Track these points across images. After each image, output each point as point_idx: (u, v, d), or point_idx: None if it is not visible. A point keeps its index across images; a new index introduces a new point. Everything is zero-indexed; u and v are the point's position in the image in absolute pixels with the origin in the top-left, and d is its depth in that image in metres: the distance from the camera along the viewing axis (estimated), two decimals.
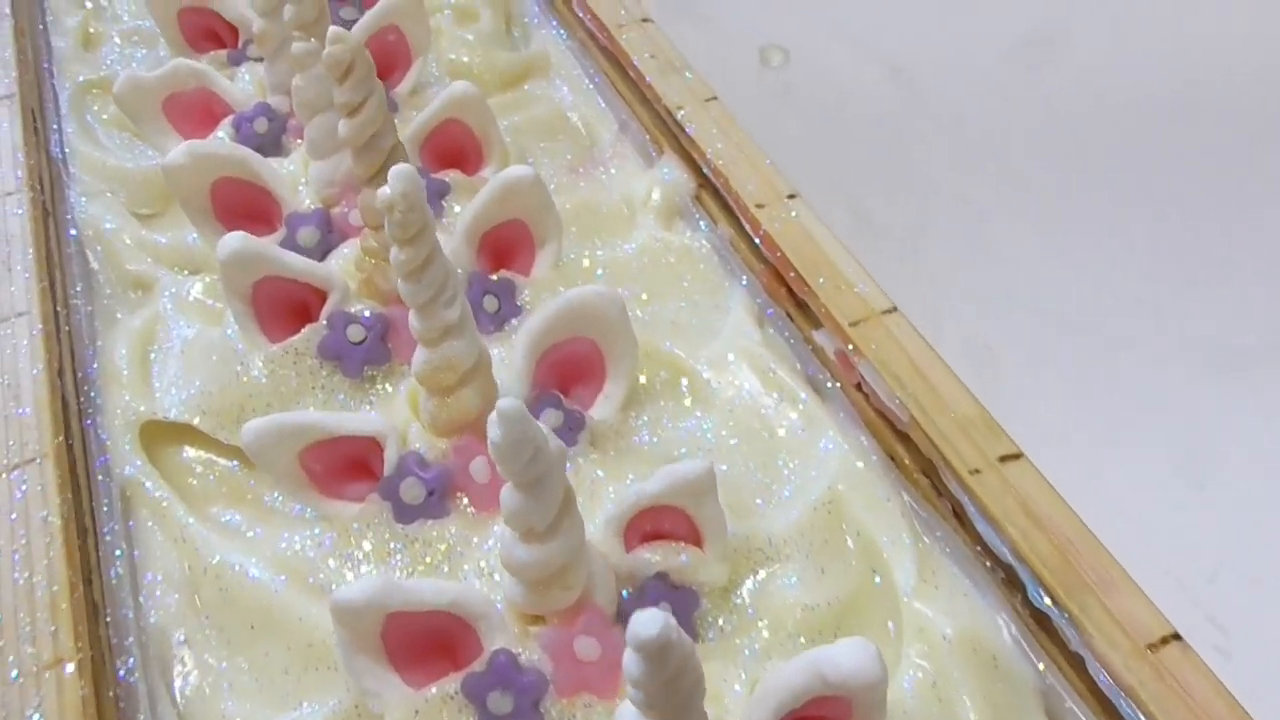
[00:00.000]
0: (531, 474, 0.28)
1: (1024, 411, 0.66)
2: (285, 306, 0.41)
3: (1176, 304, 0.69)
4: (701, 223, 0.47)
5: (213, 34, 0.54)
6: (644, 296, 0.45)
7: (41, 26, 0.58)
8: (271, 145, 0.49)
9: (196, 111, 0.50)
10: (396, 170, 0.31)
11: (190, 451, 0.41)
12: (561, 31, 0.57)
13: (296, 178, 0.47)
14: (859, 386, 0.39)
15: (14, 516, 0.35)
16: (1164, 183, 0.76)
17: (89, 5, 0.60)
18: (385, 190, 0.31)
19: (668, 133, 0.49)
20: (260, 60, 0.52)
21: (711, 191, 0.47)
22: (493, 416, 0.27)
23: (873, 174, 0.80)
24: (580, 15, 0.54)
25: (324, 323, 0.41)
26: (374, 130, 0.37)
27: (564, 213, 0.47)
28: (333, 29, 0.35)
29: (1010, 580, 0.34)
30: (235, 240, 0.39)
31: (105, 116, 0.54)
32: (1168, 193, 0.76)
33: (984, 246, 0.75)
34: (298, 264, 0.40)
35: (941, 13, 0.91)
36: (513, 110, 0.53)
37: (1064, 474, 0.63)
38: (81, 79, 0.55)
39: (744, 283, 0.45)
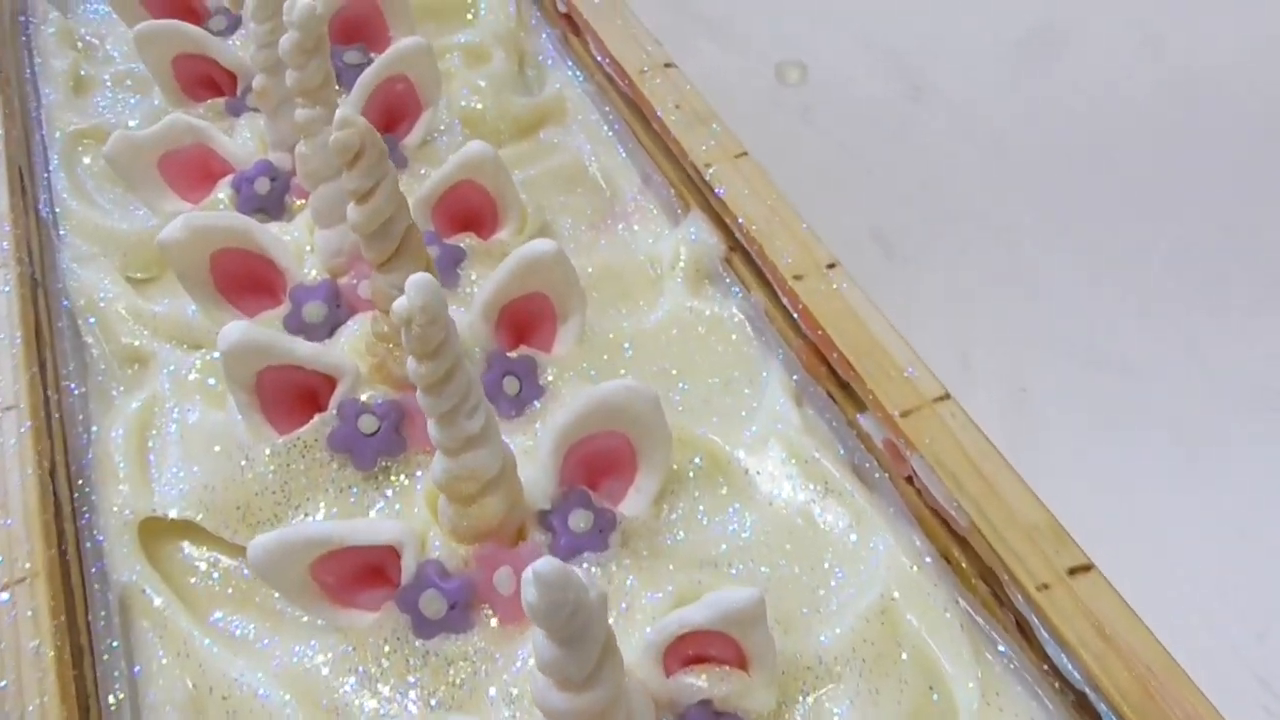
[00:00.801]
0: (570, 629, 0.25)
1: (1058, 459, 0.64)
2: (292, 394, 0.39)
3: (1222, 340, 0.66)
4: (734, 288, 0.44)
5: (209, 81, 0.51)
6: (674, 372, 0.42)
7: (29, 72, 0.55)
8: (274, 206, 0.46)
9: (194, 169, 0.47)
10: (416, 282, 0.28)
11: (192, 549, 0.39)
12: (578, 73, 0.54)
13: (301, 245, 0.44)
14: (910, 480, 0.37)
15: (2, 645, 0.32)
16: (1209, 207, 0.73)
17: (79, 46, 0.57)
18: (402, 302, 0.28)
19: (695, 190, 0.46)
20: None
21: (743, 255, 0.44)
22: (528, 575, 0.24)
23: (898, 199, 0.77)
24: (598, 59, 0.51)
25: (334, 412, 0.38)
26: (386, 217, 0.34)
27: (586, 276, 0.44)
28: (341, 112, 0.32)
29: (1082, 705, 0.32)
30: (236, 331, 0.36)
31: (97, 169, 0.51)
32: (1214, 218, 0.73)
33: (1017, 276, 0.72)
34: (304, 351, 0.38)
35: (962, 27, 0.88)
36: (528, 161, 0.50)
37: (1102, 525, 0.60)
38: (72, 128, 0.52)
39: (780, 356, 0.42)
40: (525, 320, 0.41)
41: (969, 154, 0.80)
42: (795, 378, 0.41)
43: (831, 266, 0.41)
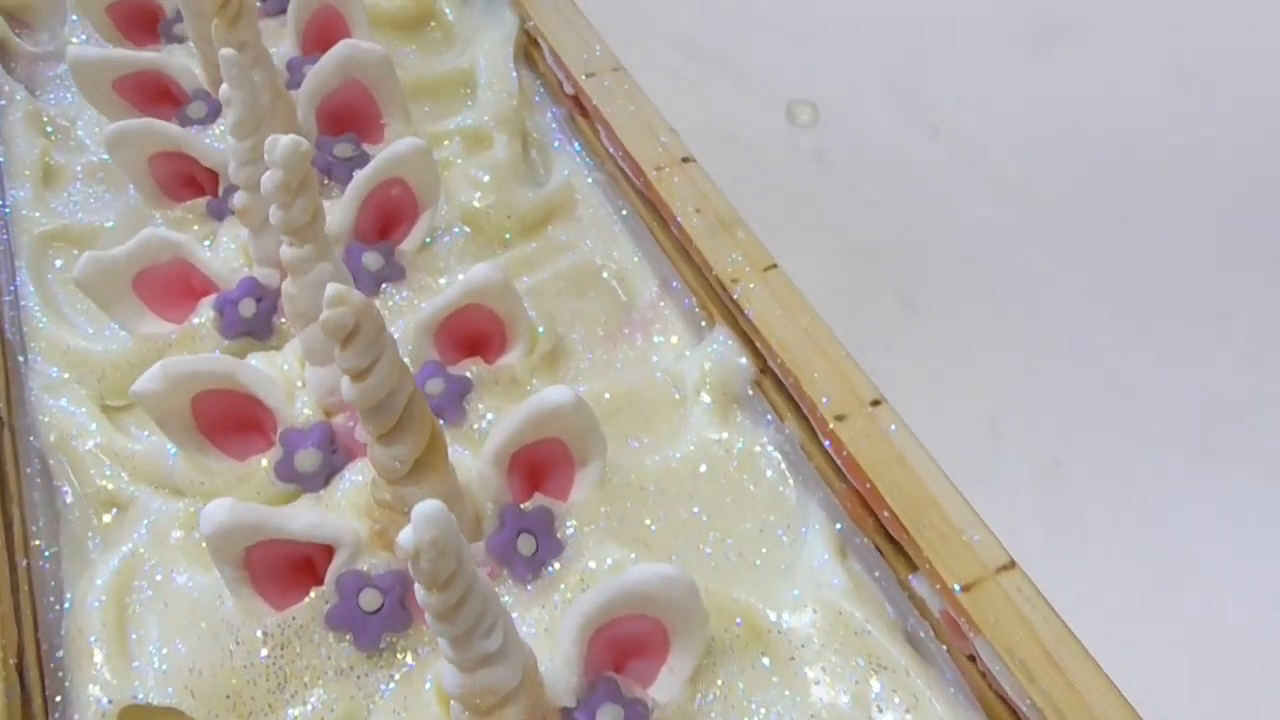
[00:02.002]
0: None
1: (1094, 535, 0.60)
2: (285, 567, 0.35)
3: (1272, 409, 0.63)
4: (766, 415, 0.41)
5: (189, 179, 0.47)
6: (704, 519, 0.38)
7: None
8: (261, 328, 0.42)
9: (173, 287, 0.43)
10: (424, 515, 0.24)
11: None
12: (587, 159, 0.50)
13: (292, 380, 0.40)
14: (973, 659, 0.33)
15: None
16: (1257, 264, 0.69)
17: (50, 132, 0.53)
18: (409, 536, 0.24)
19: (720, 304, 0.42)
20: None
21: (775, 380, 0.40)
22: None
23: (919, 250, 0.74)
24: (610, 150, 0.47)
25: (332, 587, 0.35)
26: (386, 392, 0.30)
27: (603, 403, 0.41)
28: (331, 288, 0.28)
29: None
30: (221, 512, 0.32)
31: (69, 276, 0.47)
32: (1258, 267, 0.69)
33: (1046, 336, 0.68)
34: (298, 525, 0.34)
35: (977, 65, 0.83)
36: (537, 264, 0.46)
37: (1145, 609, 0.56)
38: (41, 229, 0.48)
39: (821, 498, 0.38)
40: (539, 465, 0.38)
41: (991, 200, 0.76)
42: (839, 527, 0.37)
43: (876, 404, 0.37)
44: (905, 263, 0.73)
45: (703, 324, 0.43)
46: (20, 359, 0.44)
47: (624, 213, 0.48)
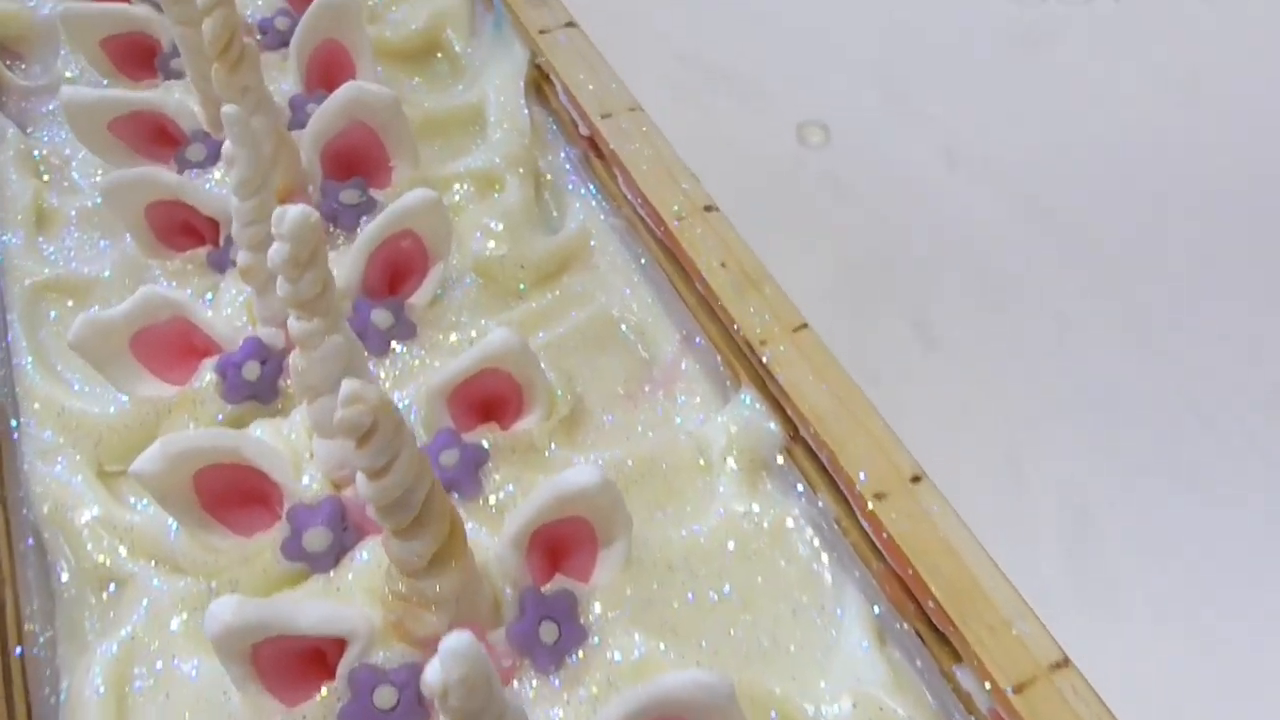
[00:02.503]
0: None
1: (1128, 591, 0.58)
2: (295, 661, 0.33)
3: None
4: (797, 484, 0.39)
5: (188, 228, 0.45)
6: (734, 601, 0.36)
7: None
8: (266, 392, 0.40)
9: (172, 347, 0.41)
10: (453, 649, 0.22)
11: None
12: (604, 202, 0.48)
13: (299, 450, 0.38)
14: None
15: None
16: None
17: (43, 173, 0.51)
18: (436, 672, 0.22)
19: (746, 363, 0.40)
20: None
21: (807, 450, 0.38)
22: None
23: (936, 280, 0.71)
24: (629, 195, 0.45)
25: (345, 683, 0.33)
26: (404, 489, 0.28)
27: (625, 471, 0.39)
28: (347, 385, 0.26)
29: None
30: (226, 612, 0.30)
31: (63, 329, 0.45)
32: None
33: (1070, 372, 0.66)
34: (308, 620, 0.32)
35: (992, 85, 0.81)
36: (553, 317, 0.44)
37: (1175, 663, 0.55)
38: (35, 279, 0.46)
39: (857, 577, 0.36)
40: (560, 544, 0.36)
41: (1011, 227, 0.74)
42: (877, 610, 0.35)
43: (917, 480, 0.35)
44: (921, 290, 0.71)
45: (728, 383, 0.42)
46: (12, 423, 0.41)
47: (643, 261, 0.46)
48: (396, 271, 0.43)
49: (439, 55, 0.56)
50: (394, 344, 0.42)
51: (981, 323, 0.69)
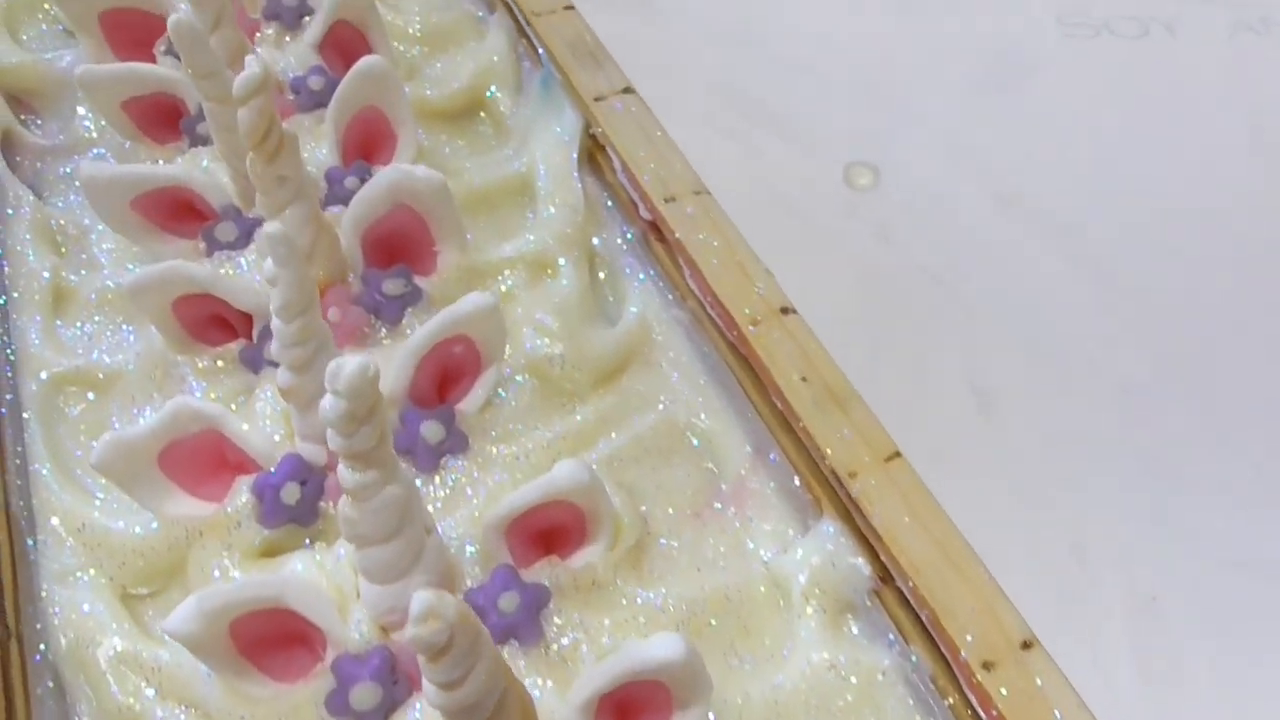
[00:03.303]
0: None
1: (1198, 686, 0.55)
2: None
3: None
4: (888, 634, 0.35)
5: (219, 320, 0.42)
6: None
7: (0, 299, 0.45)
8: (306, 514, 0.37)
9: (204, 461, 0.38)
10: None
11: None
12: (666, 290, 0.44)
13: (345, 592, 0.35)
14: None
15: None
16: None
17: (63, 249, 0.47)
18: None
19: (829, 490, 0.37)
20: None
21: (899, 598, 0.35)
22: None
23: (993, 339, 0.68)
24: (696, 290, 0.42)
25: None
26: (475, 700, 0.25)
27: (695, 611, 0.36)
28: (420, 601, 0.22)
29: None
30: None
31: (83, 428, 0.42)
32: None
33: (1137, 444, 0.63)
34: None
35: (1051, 130, 0.77)
36: (613, 424, 0.41)
37: None
38: (52, 371, 0.43)
39: None
40: (633, 707, 0.33)
41: (1072, 282, 0.70)
42: None
43: (1028, 647, 0.32)
44: (977, 351, 0.67)
45: (809, 509, 0.38)
46: (29, 542, 0.38)
47: (709, 358, 0.42)
48: (446, 376, 0.40)
49: (481, 114, 0.53)
50: (445, 458, 0.39)
51: (1040, 389, 0.65)
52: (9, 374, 0.43)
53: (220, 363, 0.42)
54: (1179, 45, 0.82)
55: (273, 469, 0.37)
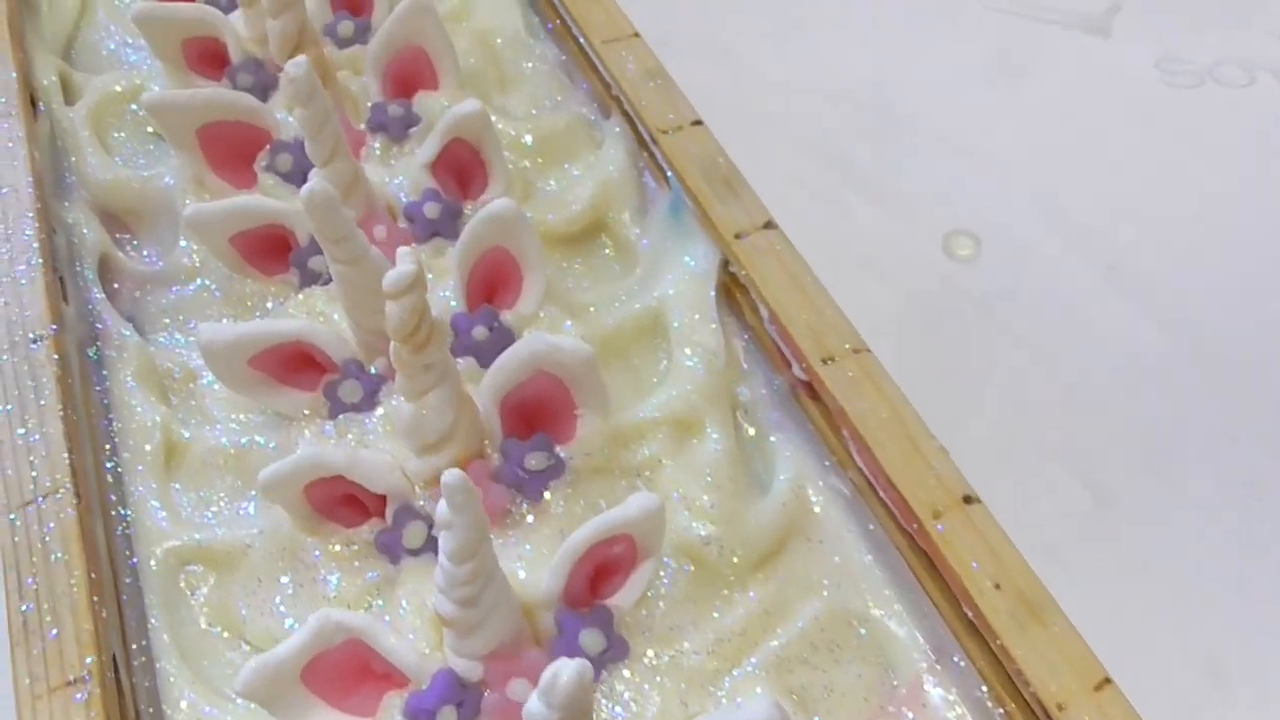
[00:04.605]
0: None
1: None
2: None
3: None
4: None
5: (350, 500, 0.39)
6: None
7: (107, 446, 0.43)
8: None
9: (348, 675, 0.35)
10: None
11: None
12: (824, 457, 0.41)
13: None
14: None
15: None
16: None
17: (170, 397, 0.44)
18: None
19: (1031, 715, 0.34)
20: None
21: None
22: None
23: (1104, 427, 0.64)
24: (865, 470, 0.39)
25: None
26: None
27: None
28: None
29: None
30: None
31: (211, 607, 0.39)
32: None
33: (1266, 543, 0.59)
34: None
35: (1162, 198, 0.74)
36: (778, 618, 0.38)
37: None
38: (165, 548, 0.40)
39: None
40: None
41: (1188, 364, 0.67)
42: None
43: None
44: (1090, 438, 0.64)
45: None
46: None
47: (874, 535, 0.39)
48: (600, 573, 0.37)
49: (603, 236, 0.50)
50: (605, 670, 0.36)
51: (1161, 481, 0.62)
52: (127, 553, 0.40)
53: (354, 546, 0.39)
54: None
55: (424, 685, 0.35)
